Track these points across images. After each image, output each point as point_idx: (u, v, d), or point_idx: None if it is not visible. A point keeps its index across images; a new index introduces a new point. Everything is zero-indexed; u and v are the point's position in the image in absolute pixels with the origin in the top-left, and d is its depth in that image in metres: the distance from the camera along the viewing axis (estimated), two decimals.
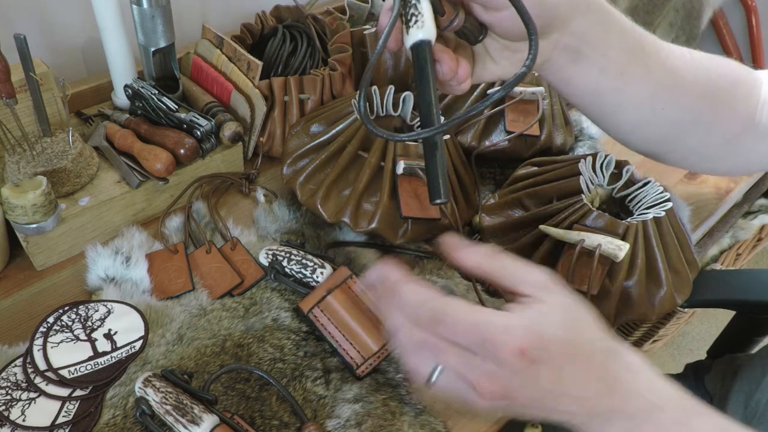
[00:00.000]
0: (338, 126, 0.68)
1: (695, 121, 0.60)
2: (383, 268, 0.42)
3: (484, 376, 0.39)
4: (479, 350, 0.38)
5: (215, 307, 0.60)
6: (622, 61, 0.55)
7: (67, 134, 0.66)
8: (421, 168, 0.65)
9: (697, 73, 0.59)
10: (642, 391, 0.41)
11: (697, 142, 0.62)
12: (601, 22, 0.53)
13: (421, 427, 0.53)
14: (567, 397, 0.40)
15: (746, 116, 0.61)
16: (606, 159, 0.66)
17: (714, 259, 1.08)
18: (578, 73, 0.56)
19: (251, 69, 0.74)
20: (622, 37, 0.55)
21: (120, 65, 0.76)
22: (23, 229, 0.60)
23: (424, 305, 0.39)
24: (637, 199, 0.65)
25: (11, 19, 0.77)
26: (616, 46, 0.55)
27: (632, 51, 0.56)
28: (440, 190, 0.42)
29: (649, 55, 0.57)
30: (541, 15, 0.49)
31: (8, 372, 0.53)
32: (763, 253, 1.96)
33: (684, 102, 0.59)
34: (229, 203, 0.74)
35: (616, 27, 0.54)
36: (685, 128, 0.61)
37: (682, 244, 0.65)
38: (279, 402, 0.53)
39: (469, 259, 0.42)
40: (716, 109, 0.60)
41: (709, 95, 0.59)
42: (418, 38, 0.43)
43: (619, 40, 0.55)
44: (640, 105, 0.59)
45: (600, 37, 0.54)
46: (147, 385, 0.50)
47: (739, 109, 0.60)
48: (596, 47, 0.54)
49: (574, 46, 0.54)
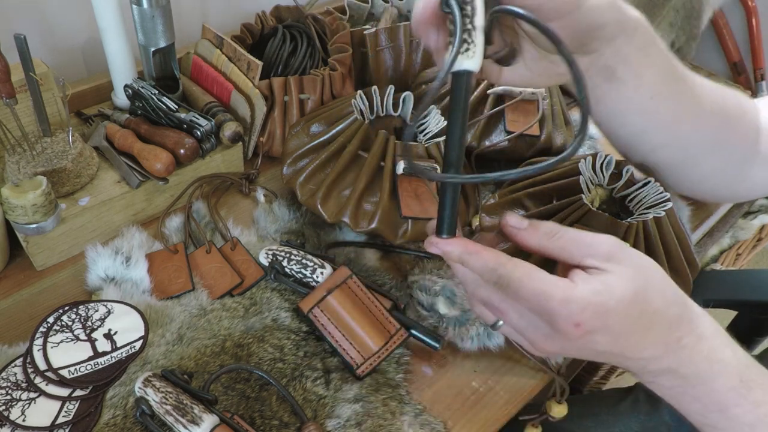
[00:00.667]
0: (338, 126, 0.68)
1: (713, 147, 0.61)
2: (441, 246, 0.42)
3: (542, 337, 0.42)
4: (539, 315, 0.41)
5: (215, 307, 0.60)
6: (656, 84, 0.55)
7: (67, 134, 0.66)
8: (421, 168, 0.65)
9: (716, 101, 0.60)
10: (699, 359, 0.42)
11: (710, 168, 0.63)
12: (644, 46, 0.53)
13: (421, 427, 0.53)
14: (621, 357, 0.42)
15: (752, 144, 0.62)
16: (606, 159, 0.66)
17: (714, 259, 1.08)
18: (610, 93, 0.56)
19: (251, 69, 0.74)
20: (659, 62, 0.55)
21: (120, 65, 0.76)
22: (23, 229, 0.60)
23: (494, 270, 0.40)
24: (637, 199, 0.65)
25: (11, 19, 0.77)
26: (652, 69, 0.54)
27: (665, 75, 0.56)
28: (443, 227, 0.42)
29: (679, 81, 0.57)
30: (588, 32, 0.48)
31: (8, 372, 0.53)
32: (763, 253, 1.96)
33: (704, 127, 0.59)
34: (229, 203, 0.74)
35: (655, 50, 0.54)
36: (704, 153, 0.61)
37: (682, 244, 0.65)
38: (279, 402, 0.53)
39: (530, 241, 0.42)
40: (730, 136, 0.61)
41: (725, 123, 0.60)
42: (464, 67, 0.41)
43: (655, 64, 0.55)
44: (665, 128, 0.59)
45: (640, 59, 0.53)
46: (147, 385, 0.50)
47: (748, 136, 0.61)
48: (634, 69, 0.54)
49: (612, 66, 0.53)
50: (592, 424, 0.71)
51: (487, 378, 0.58)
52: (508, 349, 0.60)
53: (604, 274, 0.40)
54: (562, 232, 0.42)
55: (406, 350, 0.59)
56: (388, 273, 0.66)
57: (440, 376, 0.58)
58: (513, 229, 0.42)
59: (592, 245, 0.41)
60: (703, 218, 0.80)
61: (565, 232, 0.42)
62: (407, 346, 0.59)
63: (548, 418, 0.60)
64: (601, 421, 0.71)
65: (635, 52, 0.53)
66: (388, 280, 0.65)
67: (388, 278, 0.65)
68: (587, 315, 0.39)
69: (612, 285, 0.40)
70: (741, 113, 0.61)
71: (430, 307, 0.61)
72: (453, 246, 0.42)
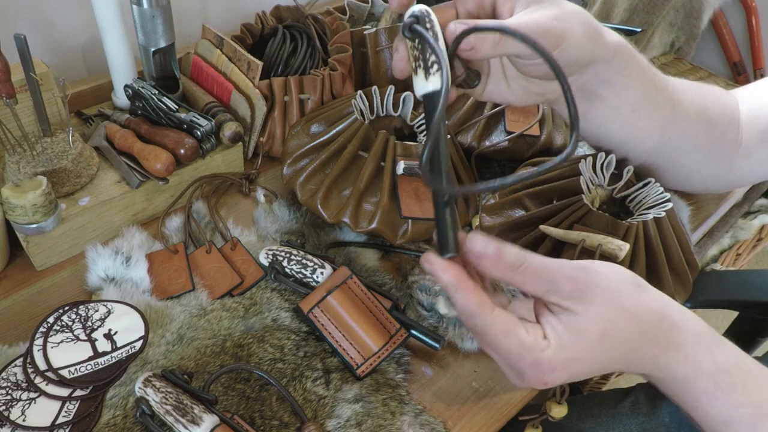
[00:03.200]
0: (338, 126, 0.68)
1: (697, 147, 0.63)
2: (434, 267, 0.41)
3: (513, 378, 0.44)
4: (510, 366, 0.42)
5: (215, 307, 0.60)
6: (636, 100, 0.57)
7: (67, 134, 0.66)
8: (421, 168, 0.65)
9: (698, 103, 0.61)
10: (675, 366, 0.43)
11: (697, 165, 0.65)
12: (623, 68, 0.54)
13: (421, 427, 0.53)
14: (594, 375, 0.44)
15: (733, 137, 0.64)
16: (606, 159, 0.66)
17: (714, 259, 1.08)
18: (592, 111, 0.57)
19: (251, 69, 0.74)
20: (639, 79, 0.56)
21: (120, 65, 0.76)
22: (23, 229, 0.60)
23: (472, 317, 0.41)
24: (638, 200, 0.65)
25: (11, 19, 0.77)
26: (632, 87, 0.56)
27: (646, 90, 0.57)
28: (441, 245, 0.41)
29: (660, 91, 0.58)
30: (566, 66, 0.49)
31: (8, 372, 0.53)
32: (763, 253, 1.96)
33: (687, 131, 0.61)
34: (229, 203, 0.74)
35: (635, 70, 0.55)
36: (688, 154, 0.63)
37: (682, 245, 0.65)
38: (279, 402, 0.53)
39: (494, 271, 0.41)
40: (713, 134, 0.63)
41: (708, 122, 0.62)
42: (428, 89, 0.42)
43: (635, 82, 0.56)
44: (649, 138, 0.61)
45: (618, 81, 0.54)
46: (147, 385, 0.50)
47: (728, 132, 0.63)
48: (613, 90, 0.55)
49: (592, 88, 0.55)
50: (591, 425, 0.71)
51: (487, 378, 0.58)
52: None
53: (570, 315, 0.40)
54: (526, 264, 0.40)
55: (406, 350, 0.59)
56: (388, 273, 0.66)
57: (440, 376, 0.58)
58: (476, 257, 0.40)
59: (555, 282, 0.40)
60: (703, 218, 0.80)
61: (529, 265, 0.40)
62: (407, 346, 0.59)
63: (548, 418, 0.60)
64: (600, 421, 0.71)
65: (614, 75, 0.54)
66: (388, 280, 0.65)
67: (388, 278, 0.65)
68: (555, 374, 0.40)
69: (578, 332, 0.40)
70: (721, 110, 0.63)
71: (430, 307, 0.61)
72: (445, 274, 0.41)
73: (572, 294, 0.40)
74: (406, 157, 0.67)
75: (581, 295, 0.40)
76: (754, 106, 0.64)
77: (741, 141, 0.64)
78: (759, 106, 0.64)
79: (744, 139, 0.64)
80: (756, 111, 0.64)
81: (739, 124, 0.64)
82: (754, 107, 0.64)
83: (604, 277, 0.41)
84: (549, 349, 0.40)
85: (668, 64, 1.18)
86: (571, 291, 0.40)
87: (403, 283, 0.65)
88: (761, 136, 0.63)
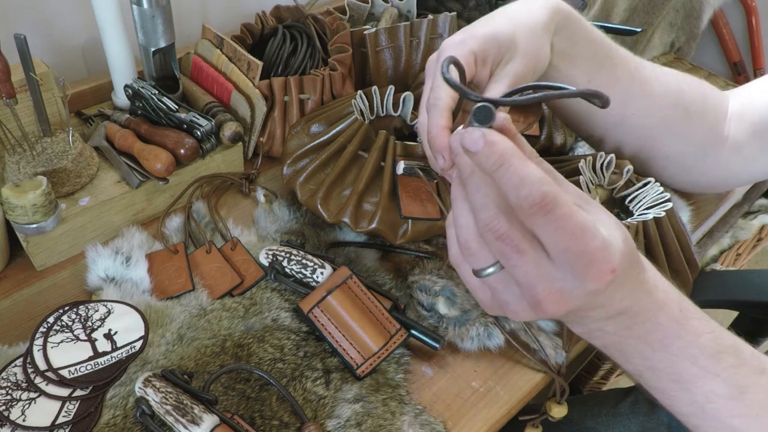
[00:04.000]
0: (338, 126, 0.68)
1: (668, 129, 0.64)
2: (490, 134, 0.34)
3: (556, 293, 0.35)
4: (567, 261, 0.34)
5: (215, 307, 0.60)
6: (590, 69, 0.61)
7: (67, 134, 0.66)
8: (421, 168, 0.65)
9: (669, 85, 0.64)
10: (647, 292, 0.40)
11: (674, 151, 0.66)
12: (569, 38, 0.59)
13: (421, 427, 0.53)
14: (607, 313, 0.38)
15: (716, 127, 0.65)
16: (606, 159, 0.66)
17: (714, 259, 1.08)
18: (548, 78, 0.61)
19: (251, 69, 0.74)
20: (590, 48, 0.60)
21: (120, 65, 0.76)
22: (23, 229, 0.60)
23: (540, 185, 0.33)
24: (638, 200, 0.65)
25: (11, 19, 0.77)
26: (584, 56, 0.60)
27: (600, 60, 0.61)
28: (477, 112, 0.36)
29: (617, 65, 0.62)
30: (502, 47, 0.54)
31: (8, 372, 0.53)
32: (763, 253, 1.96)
33: (654, 110, 0.63)
34: (229, 203, 0.74)
35: (583, 39, 0.60)
36: (660, 135, 0.65)
37: (682, 245, 0.65)
38: (279, 402, 0.53)
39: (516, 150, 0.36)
40: (689, 119, 0.64)
41: (680, 105, 0.64)
42: None
43: (586, 51, 0.60)
44: (610, 110, 0.62)
45: (568, 49, 0.59)
46: (147, 385, 0.50)
47: (708, 120, 0.65)
48: (566, 58, 0.59)
49: None
50: (591, 425, 0.71)
51: (487, 378, 0.58)
52: (508, 349, 0.60)
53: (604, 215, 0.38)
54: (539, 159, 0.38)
55: (406, 350, 0.59)
56: (388, 273, 0.66)
57: (440, 376, 0.58)
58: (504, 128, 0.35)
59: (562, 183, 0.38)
60: (703, 218, 0.80)
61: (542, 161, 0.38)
62: (407, 346, 0.59)
63: (548, 418, 0.60)
64: (600, 421, 0.71)
65: (563, 43, 0.58)
66: (388, 280, 0.65)
67: (388, 278, 0.65)
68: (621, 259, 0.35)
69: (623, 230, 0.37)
70: (700, 97, 0.65)
71: (430, 307, 0.61)
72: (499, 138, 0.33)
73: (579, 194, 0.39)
74: (406, 157, 0.67)
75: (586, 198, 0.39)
76: (747, 101, 0.65)
77: (728, 134, 0.65)
78: (752, 100, 0.65)
79: (732, 132, 0.64)
80: (748, 105, 0.65)
81: (725, 116, 0.65)
82: (746, 102, 0.65)
83: None
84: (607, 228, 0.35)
85: (668, 64, 1.18)
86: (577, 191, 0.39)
87: (403, 283, 0.65)
88: (753, 128, 0.64)
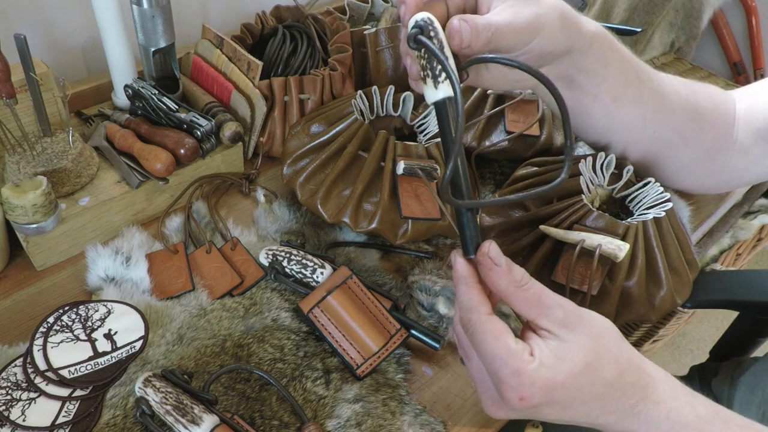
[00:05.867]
0: (338, 126, 0.68)
1: (684, 140, 0.64)
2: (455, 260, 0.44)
3: (489, 400, 0.44)
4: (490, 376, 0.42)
5: (215, 307, 0.60)
6: (617, 89, 0.59)
7: (67, 134, 0.66)
8: (420, 168, 0.65)
9: (687, 99, 0.63)
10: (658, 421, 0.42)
11: (687, 160, 0.66)
12: (601, 58, 0.56)
13: (421, 427, 0.53)
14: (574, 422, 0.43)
15: (726, 133, 0.64)
16: (606, 159, 0.66)
17: (714, 259, 1.08)
18: (573, 99, 0.59)
19: (251, 69, 0.74)
20: (620, 69, 0.58)
21: (120, 65, 0.76)
22: (23, 229, 0.60)
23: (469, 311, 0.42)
24: (638, 200, 0.65)
25: (11, 19, 0.77)
26: (612, 77, 0.58)
27: (627, 80, 0.59)
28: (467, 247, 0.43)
29: (643, 82, 0.60)
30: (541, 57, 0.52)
31: (8, 372, 0.53)
32: (763, 253, 1.96)
33: (673, 124, 0.63)
34: (229, 203, 0.74)
35: (614, 59, 0.57)
36: (675, 147, 0.64)
37: (682, 245, 0.65)
38: (279, 402, 0.53)
39: (499, 282, 0.42)
40: (702, 129, 0.63)
41: (696, 117, 0.63)
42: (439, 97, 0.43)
43: (615, 72, 0.58)
44: (632, 127, 0.62)
45: (598, 70, 0.57)
46: (147, 385, 0.50)
47: (719, 126, 0.64)
48: (592, 78, 0.57)
49: (571, 77, 0.57)
50: None
51: None
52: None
53: (557, 341, 0.41)
54: (530, 284, 0.42)
55: (406, 350, 0.59)
56: (388, 273, 0.66)
57: (440, 376, 0.58)
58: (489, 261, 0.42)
59: (550, 307, 0.41)
60: (703, 218, 0.80)
61: (532, 286, 0.42)
62: (407, 346, 0.59)
63: None
64: None
65: (593, 64, 0.56)
66: (388, 280, 0.65)
67: (388, 278, 0.65)
68: (534, 390, 0.40)
69: (563, 357, 0.40)
70: (712, 106, 0.64)
71: (430, 307, 0.61)
72: (460, 266, 0.43)
73: (563, 322, 0.41)
74: (406, 157, 0.67)
75: (571, 325, 0.41)
76: (751, 103, 0.65)
77: (736, 138, 0.64)
78: (756, 103, 0.64)
79: (740, 137, 0.64)
80: (753, 108, 0.64)
81: (734, 120, 0.64)
82: (751, 105, 0.64)
83: (593, 318, 0.43)
84: (533, 363, 0.40)
85: (668, 64, 1.18)
86: (563, 319, 0.41)
87: (403, 283, 0.65)
88: (757, 133, 0.63)
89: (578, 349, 0.40)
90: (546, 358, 0.40)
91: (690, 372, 0.88)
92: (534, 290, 0.42)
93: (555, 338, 0.41)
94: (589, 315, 0.42)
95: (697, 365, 0.89)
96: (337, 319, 0.57)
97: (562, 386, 0.40)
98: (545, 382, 0.39)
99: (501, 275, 0.42)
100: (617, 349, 0.42)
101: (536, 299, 0.42)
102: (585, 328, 0.41)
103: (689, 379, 0.86)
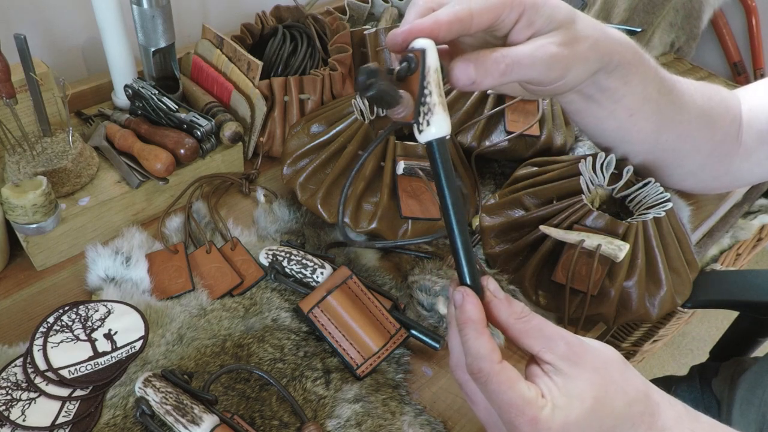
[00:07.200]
0: (338, 126, 0.68)
1: (696, 148, 0.63)
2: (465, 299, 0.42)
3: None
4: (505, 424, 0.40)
5: (215, 307, 0.60)
6: (634, 104, 0.57)
7: (67, 134, 0.66)
8: (420, 168, 0.65)
9: (702, 106, 0.61)
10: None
11: (695, 166, 0.66)
12: (623, 76, 0.54)
13: (421, 427, 0.53)
14: None
15: (733, 137, 0.64)
16: (606, 159, 0.66)
17: (714, 259, 1.08)
18: (587, 110, 0.58)
19: (251, 69, 0.74)
20: (641, 85, 0.56)
21: (120, 65, 0.76)
22: (23, 229, 0.60)
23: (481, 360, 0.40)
24: (638, 200, 0.65)
25: (11, 19, 0.77)
26: (631, 93, 0.56)
27: (647, 96, 0.57)
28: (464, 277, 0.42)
29: (662, 95, 0.58)
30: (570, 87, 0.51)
31: (8, 372, 0.53)
32: (763, 253, 1.96)
33: (686, 133, 0.62)
34: (229, 203, 0.74)
35: (636, 76, 0.55)
36: (686, 154, 0.64)
37: (682, 245, 0.65)
38: (279, 402, 0.53)
39: (500, 314, 0.42)
40: (714, 135, 0.63)
41: (710, 124, 0.62)
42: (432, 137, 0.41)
43: (636, 89, 0.56)
44: (646, 139, 0.61)
45: (618, 88, 0.55)
46: (147, 385, 0.50)
47: (729, 131, 0.64)
48: (611, 96, 0.56)
49: (590, 93, 0.55)
50: None
51: None
52: (508, 349, 0.60)
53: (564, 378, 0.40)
54: (530, 317, 0.42)
55: (406, 350, 0.59)
56: (388, 273, 0.66)
57: (440, 376, 0.58)
58: (489, 294, 0.42)
59: (552, 340, 0.41)
60: (703, 218, 0.80)
61: (532, 318, 0.41)
62: (407, 346, 0.59)
63: None
64: None
65: (614, 83, 0.54)
66: (388, 280, 0.65)
67: (388, 278, 0.65)
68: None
69: (572, 395, 0.39)
70: (725, 111, 0.63)
71: (430, 307, 0.61)
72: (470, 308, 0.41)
73: (567, 355, 0.40)
74: (406, 157, 0.67)
75: (575, 358, 0.40)
76: (754, 105, 0.64)
77: (742, 140, 0.64)
78: (758, 105, 0.64)
79: (744, 140, 0.64)
80: (756, 111, 0.64)
81: (740, 124, 0.64)
82: (754, 107, 0.64)
83: (596, 348, 0.42)
84: (547, 407, 0.39)
85: (668, 64, 1.18)
86: (566, 352, 0.40)
87: (403, 283, 0.65)
88: (760, 136, 0.63)
89: (585, 386, 0.40)
90: (557, 398, 0.39)
91: (690, 372, 0.88)
92: (535, 322, 0.41)
93: (561, 374, 0.40)
94: (591, 346, 0.42)
95: (697, 365, 0.89)
96: (337, 319, 0.57)
97: (576, 424, 0.39)
98: (560, 425, 0.39)
99: (501, 308, 0.41)
100: (622, 378, 0.42)
101: (537, 331, 0.41)
102: (588, 361, 0.41)
103: (689, 379, 0.86)
